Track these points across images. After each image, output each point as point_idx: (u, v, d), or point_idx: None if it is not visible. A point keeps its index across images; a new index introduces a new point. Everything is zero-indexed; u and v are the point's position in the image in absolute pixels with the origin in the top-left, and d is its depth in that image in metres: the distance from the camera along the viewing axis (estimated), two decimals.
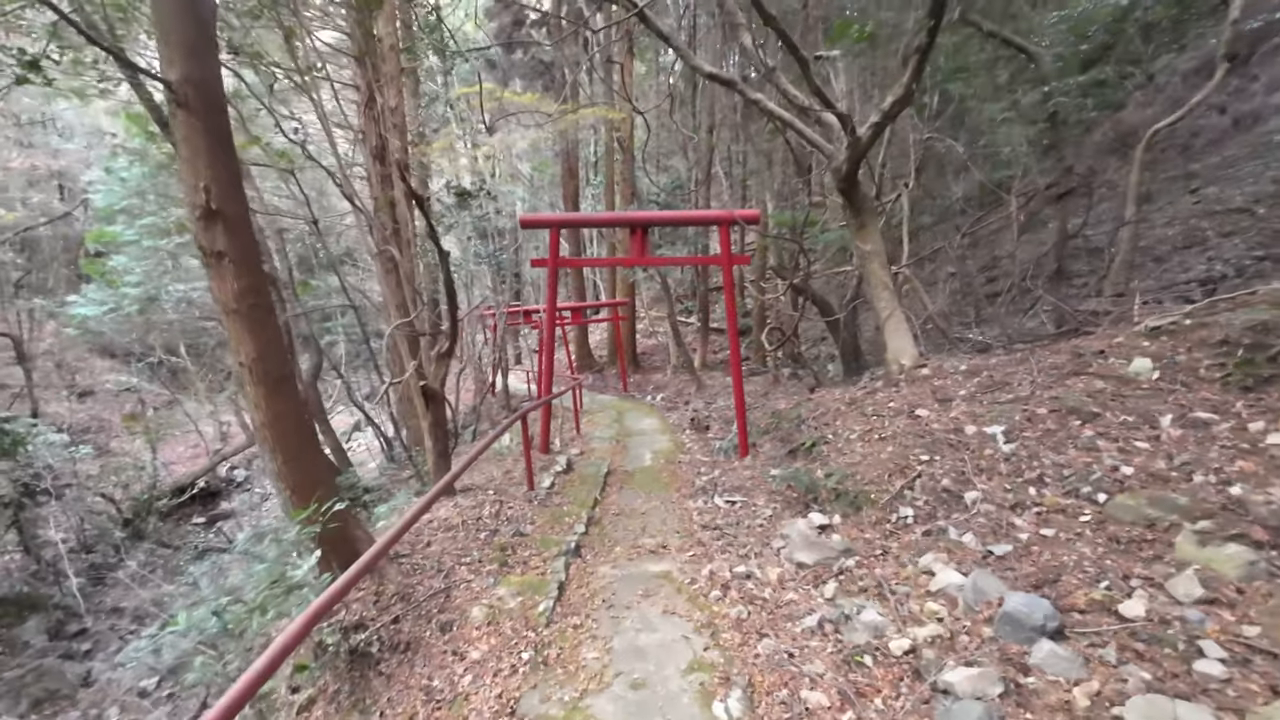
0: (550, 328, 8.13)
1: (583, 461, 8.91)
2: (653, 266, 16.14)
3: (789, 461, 7.63)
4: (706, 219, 7.86)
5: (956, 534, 4.49)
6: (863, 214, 7.68)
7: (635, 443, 10.52)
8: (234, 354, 4.16)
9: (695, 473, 8.23)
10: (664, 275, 15.70)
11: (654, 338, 22.92)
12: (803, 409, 8.99)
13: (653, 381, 17.92)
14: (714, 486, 7.37)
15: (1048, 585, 3.76)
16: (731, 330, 8.02)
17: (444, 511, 6.05)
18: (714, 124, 16.02)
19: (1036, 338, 7.90)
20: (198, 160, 3.80)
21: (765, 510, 6.28)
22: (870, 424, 6.87)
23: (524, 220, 7.71)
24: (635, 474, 8.36)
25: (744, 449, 8.30)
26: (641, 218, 7.78)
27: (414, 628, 4.28)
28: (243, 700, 1.99)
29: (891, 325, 7.74)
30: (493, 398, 19.62)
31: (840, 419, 7.55)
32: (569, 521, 6.07)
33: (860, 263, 7.86)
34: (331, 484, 4.62)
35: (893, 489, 5.35)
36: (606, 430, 11.84)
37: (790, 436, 8.36)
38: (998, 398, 6.04)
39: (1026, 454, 5.03)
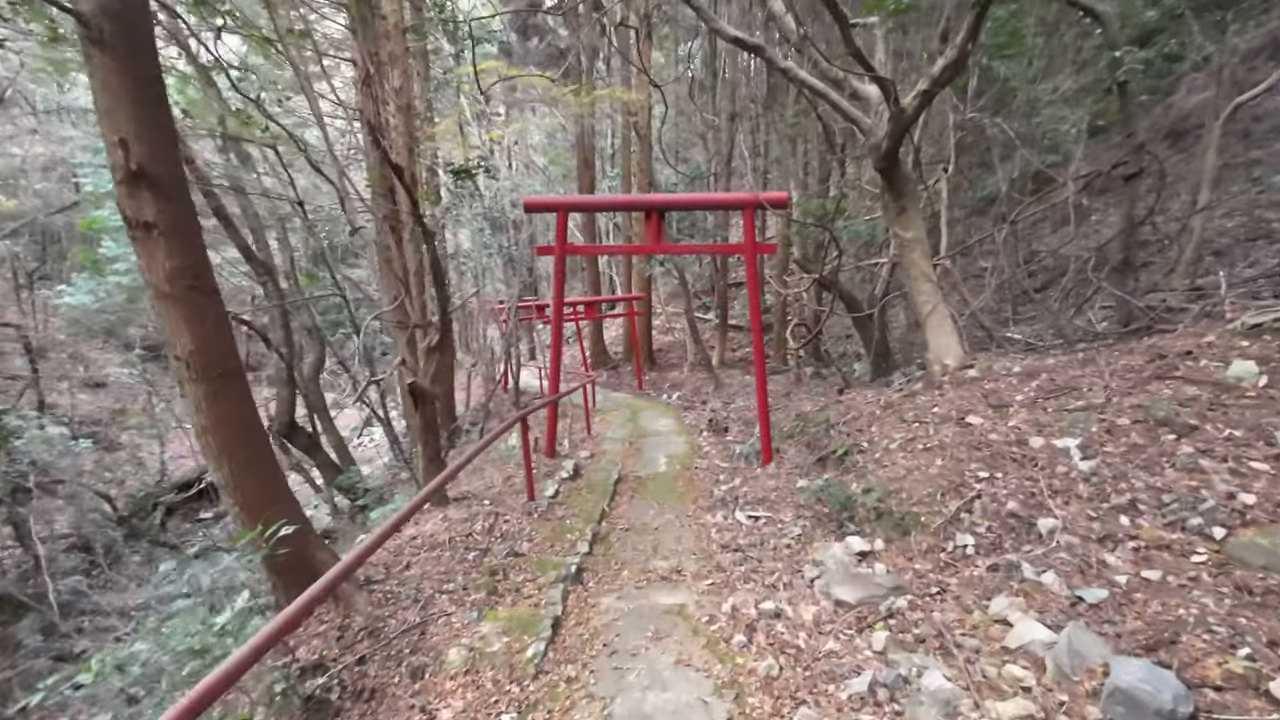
0: (558, 322, 7.41)
1: (592, 466, 8.18)
2: (670, 260, 15.35)
3: (817, 471, 6.82)
4: (728, 202, 7.08)
5: (1033, 572, 3.67)
6: (903, 197, 6.83)
7: (649, 445, 9.77)
8: (169, 345, 3.47)
9: (714, 480, 7.46)
10: (681, 269, 14.90)
11: (671, 334, 22.14)
12: (831, 412, 8.17)
13: (669, 379, 17.14)
14: (734, 498, 6.59)
15: (1164, 648, 2.94)
16: (755, 326, 7.24)
17: (430, 526, 5.36)
18: (735, 112, 15.17)
19: (1098, 336, 7.01)
20: (117, 111, 3.11)
21: (793, 528, 5.49)
22: (912, 432, 6.04)
23: (529, 203, 7.00)
24: (648, 481, 7.61)
25: (767, 455, 7.51)
26: (658, 200, 7.01)
27: (381, 671, 3.58)
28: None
29: (934, 322, 6.89)
30: (505, 394, 19.01)
31: (876, 425, 6.72)
32: (571, 538, 5.34)
33: (899, 252, 7.02)
34: (289, 500, 3.93)
35: (946, 511, 4.53)
36: (619, 431, 11.10)
37: (818, 442, 7.55)
38: (1065, 405, 5.18)
39: (1111, 474, 4.18)
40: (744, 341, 20.06)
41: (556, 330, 7.47)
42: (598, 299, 17.34)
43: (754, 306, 7.22)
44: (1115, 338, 6.58)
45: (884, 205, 7.08)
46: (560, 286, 7.29)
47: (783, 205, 6.84)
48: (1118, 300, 7.01)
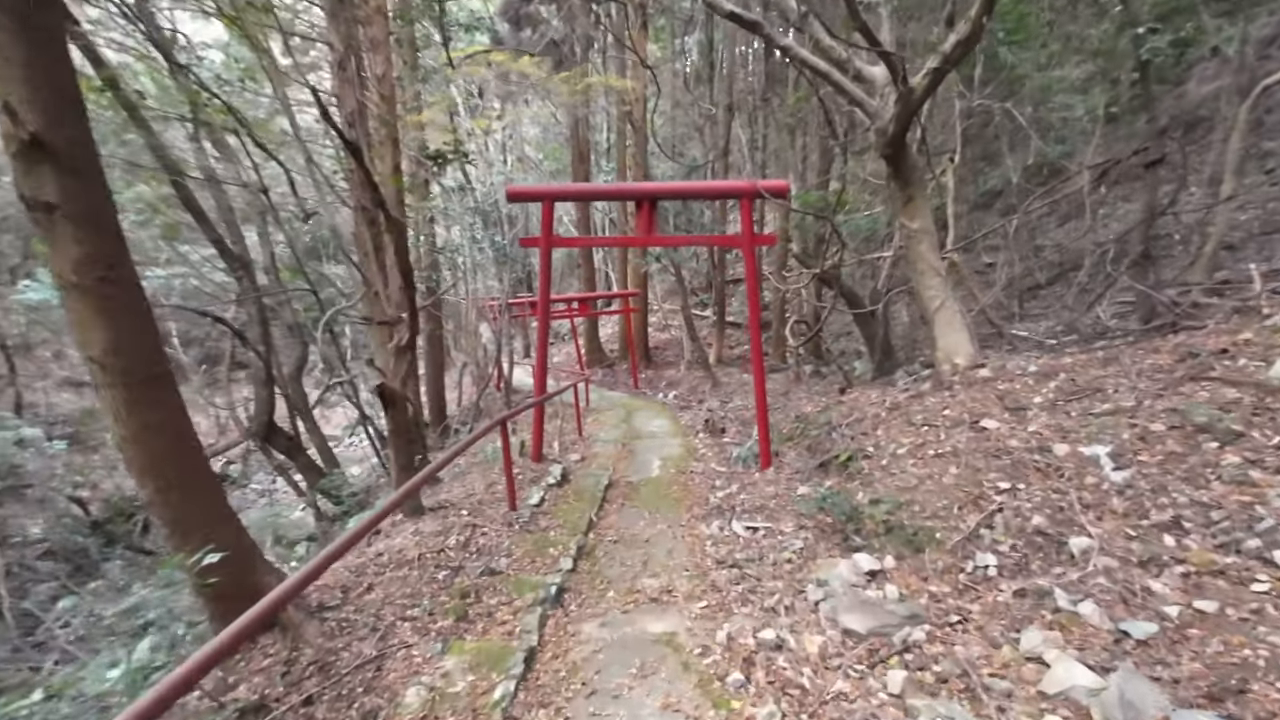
0: (544, 320, 6.95)
1: (581, 470, 7.73)
2: (666, 256, 14.87)
3: (819, 477, 6.38)
4: (725, 191, 6.61)
5: (1068, 600, 3.23)
6: (910, 186, 6.38)
7: (643, 447, 9.32)
8: (79, 345, 3.01)
9: (709, 486, 7.02)
10: (678, 265, 14.45)
11: (667, 331, 21.68)
12: (833, 413, 7.73)
13: (665, 378, 16.69)
14: (731, 507, 6.15)
15: (1232, 698, 2.50)
16: (754, 322, 6.79)
17: (400, 540, 4.90)
18: (732, 103, 14.69)
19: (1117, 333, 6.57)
20: (6, 71, 2.64)
21: (794, 541, 5.04)
22: (921, 436, 5.59)
23: (512, 192, 6.53)
24: (640, 487, 7.17)
25: (766, 460, 7.07)
26: (650, 189, 6.56)
27: (329, 715, 3.13)
28: None
29: (943, 318, 6.44)
30: (498, 392, 18.55)
31: (882, 428, 6.28)
32: (554, 553, 4.89)
33: (905, 244, 6.57)
34: (226, 520, 3.48)
35: (964, 526, 4.09)
36: (613, 432, 10.65)
37: (820, 446, 7.11)
38: (1090, 408, 4.74)
39: (1148, 486, 3.74)
40: (741, 339, 19.61)
41: (543, 328, 7.01)
42: (592, 295, 16.86)
43: (753, 302, 6.77)
44: (1136, 335, 6.14)
45: (889, 194, 6.63)
46: (546, 281, 6.83)
47: (782, 195, 6.39)
48: (1138, 295, 6.57)
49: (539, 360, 7.19)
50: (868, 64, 6.64)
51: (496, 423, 5.43)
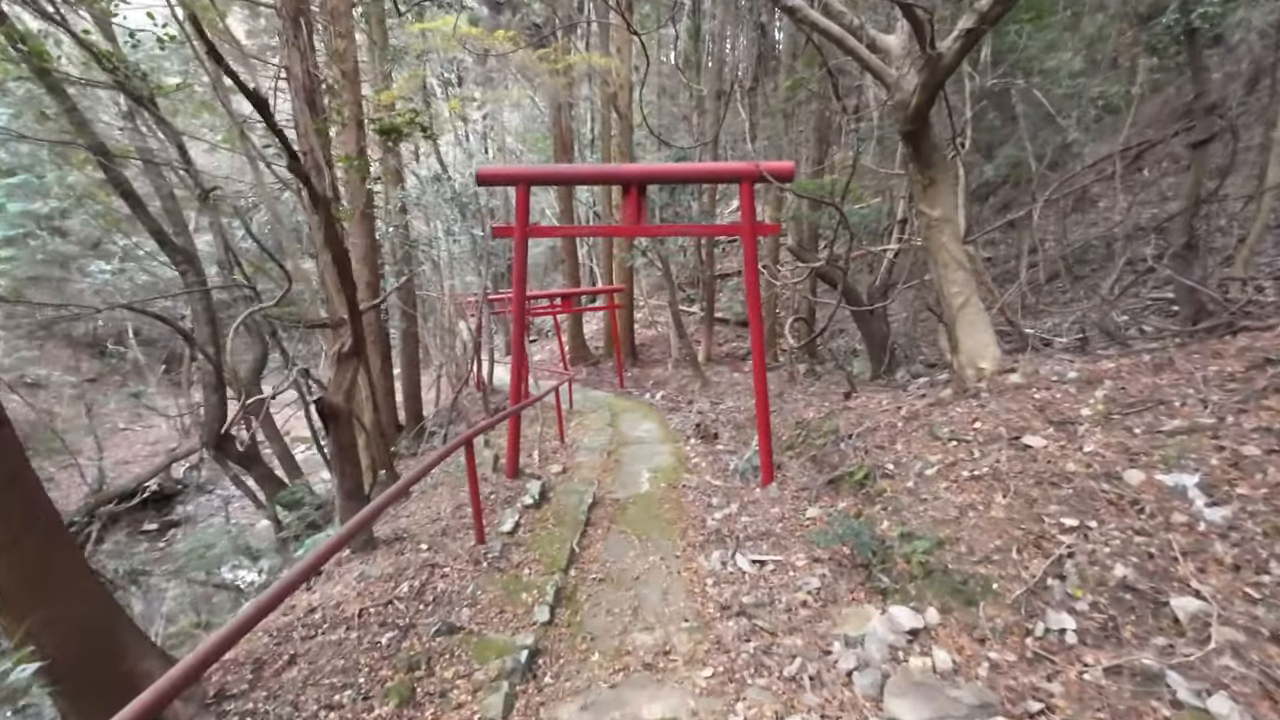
0: (519, 317, 6.08)
1: (563, 486, 6.89)
2: (652, 248, 14.03)
3: (829, 496, 5.61)
4: (722, 174, 5.79)
5: (1188, 688, 2.46)
6: (932, 168, 5.60)
7: (630, 456, 8.50)
8: None
9: (705, 505, 6.22)
10: (665, 259, 13.60)
11: (654, 328, 20.85)
12: (839, 420, 6.97)
13: (652, 376, 15.87)
14: (732, 531, 5.35)
15: None
16: (754, 319, 5.99)
17: (340, 587, 4.02)
18: (722, 89, 13.84)
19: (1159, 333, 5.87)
20: None
21: (809, 579, 4.26)
22: (950, 453, 4.83)
23: (483, 174, 5.66)
24: (628, 506, 6.35)
25: (767, 474, 6.28)
26: (639, 172, 5.71)
27: None
28: None
29: (967, 316, 5.68)
30: (478, 392, 17.62)
31: (901, 441, 5.51)
32: (528, 599, 4.06)
33: (924, 234, 5.80)
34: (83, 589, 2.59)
35: (1026, 574, 3.32)
36: (597, 437, 9.82)
37: (827, 459, 6.34)
38: (1157, 424, 4.00)
39: (1259, 528, 2.99)
40: (730, 336, 18.85)
41: (518, 327, 6.14)
42: (574, 291, 15.98)
43: (753, 297, 5.95)
44: (1184, 335, 5.43)
45: (909, 177, 5.85)
46: (521, 275, 5.96)
47: (787, 177, 5.58)
48: (1178, 291, 5.88)
49: (515, 365, 6.33)
50: (882, 32, 5.85)
51: (460, 442, 4.57)
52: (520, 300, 6.05)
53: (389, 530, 5.25)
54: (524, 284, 6.05)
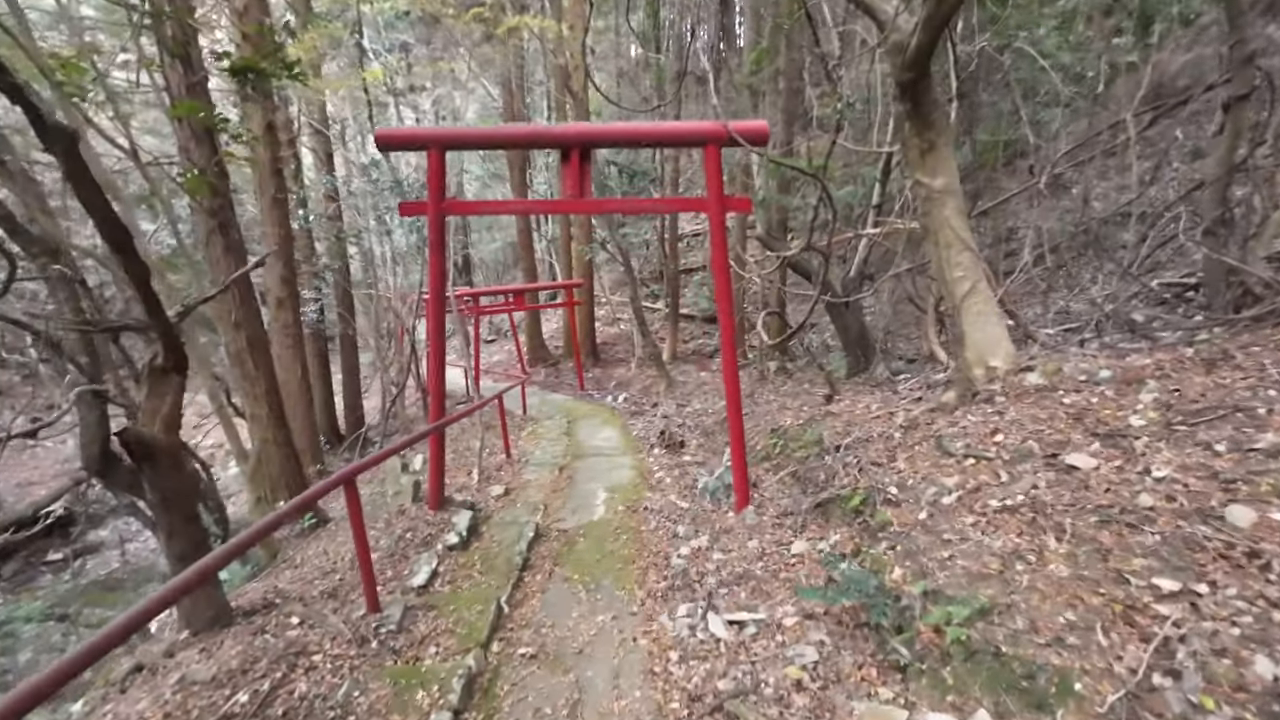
0: (436, 314, 4.85)
1: (500, 516, 5.72)
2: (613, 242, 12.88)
3: (817, 525, 4.58)
4: (684, 135, 4.65)
5: None
6: (932, 128, 4.61)
7: (586, 471, 7.38)
8: None
9: (670, 535, 5.13)
10: (626, 252, 12.48)
11: (616, 326, 19.70)
12: (822, 428, 5.96)
13: (614, 377, 14.75)
14: (702, 576, 4.27)
15: None
16: (724, 313, 4.92)
17: (148, 702, 2.78)
18: (684, 68, 12.76)
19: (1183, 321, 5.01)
20: None
21: (803, 648, 3.22)
22: (968, 473, 3.85)
23: (381, 136, 4.41)
24: (578, 539, 5.22)
25: (742, 497, 5.23)
26: (577, 134, 4.56)
27: None
28: None
29: (974, 305, 4.72)
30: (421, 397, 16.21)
31: (902, 456, 4.51)
32: (424, 702, 2.89)
33: (923, 208, 4.80)
34: None
35: (1120, 665, 2.30)
36: (550, 448, 8.66)
37: (812, 475, 5.32)
38: (1244, 439, 3.06)
39: None
40: (696, 332, 17.85)
41: (435, 326, 4.91)
42: (528, 287, 14.71)
43: (722, 286, 4.87)
44: (1224, 324, 4.56)
45: (903, 142, 4.85)
46: (439, 264, 4.75)
47: (760, 139, 4.52)
48: (1212, 272, 5.03)
49: (433, 372, 5.10)
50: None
51: (335, 481, 3.35)
52: (438, 293, 4.84)
53: (260, 593, 4.00)
54: (443, 274, 4.84)
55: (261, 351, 6.83)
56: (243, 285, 6.57)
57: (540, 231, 21.42)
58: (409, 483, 5.42)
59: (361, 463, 3.77)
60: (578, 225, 15.20)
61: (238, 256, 6.52)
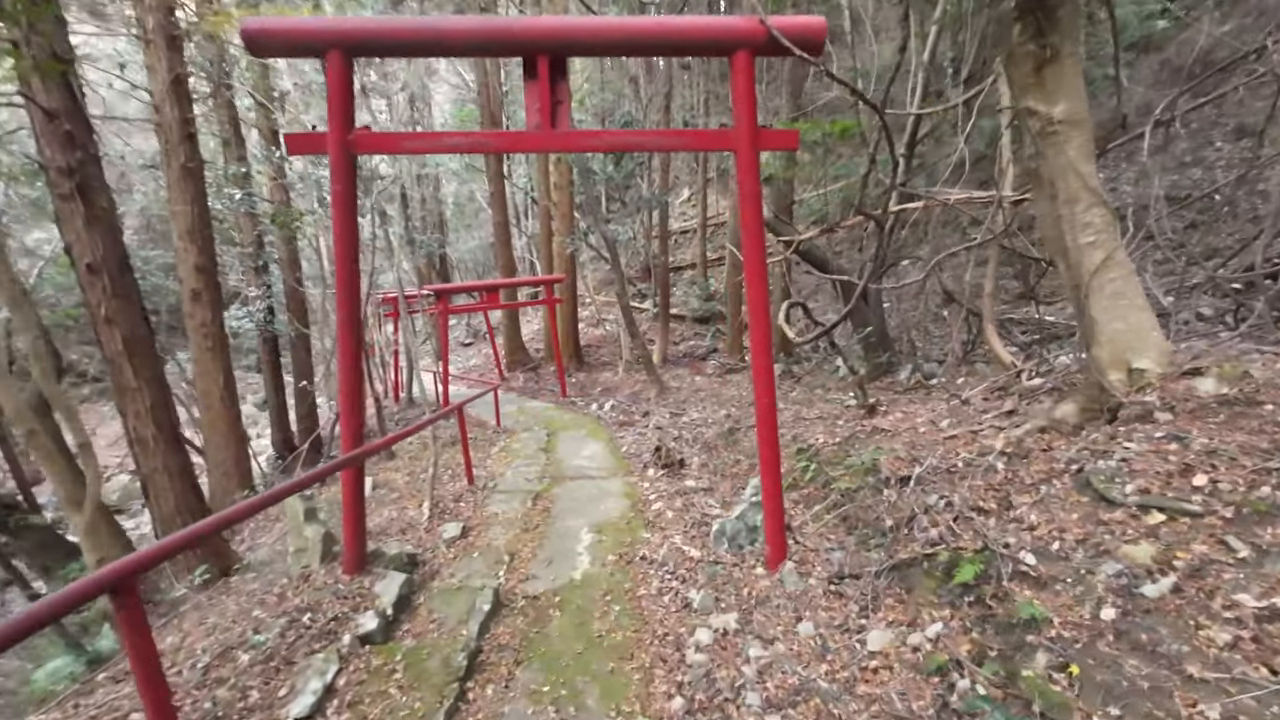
0: (346, 305, 3.26)
1: (447, 575, 4.14)
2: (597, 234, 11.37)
3: (898, 600, 3.10)
4: (704, 35, 3.12)
5: None
6: (1057, 28, 3.17)
7: (567, 501, 5.82)
8: None
9: (679, 606, 3.61)
10: (614, 244, 10.95)
11: (602, 327, 18.14)
12: (874, 451, 4.48)
13: (600, 382, 13.18)
14: (737, 692, 2.75)
15: None
16: (757, 293, 3.40)
17: None
18: None
19: None
20: None
21: None
22: (1167, 541, 2.37)
23: (253, 33, 2.83)
24: (551, 614, 3.66)
25: (777, 550, 3.71)
26: (548, 31, 3.03)
27: None
28: None
29: (1109, 283, 3.28)
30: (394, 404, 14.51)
31: (1023, 500, 3.03)
32: None
33: (1038, 146, 3.35)
34: None
35: None
36: (524, 469, 7.08)
37: (868, 517, 3.84)
38: None
39: None
40: (687, 333, 16.36)
41: (345, 317, 3.33)
42: (501, 282, 13.10)
43: (754, 256, 3.35)
44: None
45: (1009, 53, 3.37)
46: (347, 225, 3.17)
47: (815, 42, 3.04)
48: None
49: (344, 383, 3.51)
50: None
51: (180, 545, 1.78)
52: (347, 273, 3.25)
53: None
54: (353, 242, 3.27)
55: (145, 356, 5.18)
56: (114, 269, 4.92)
57: (520, 227, 19.80)
58: (316, 536, 3.84)
59: (204, 525, 2.18)
60: (559, 218, 13.66)
61: (106, 231, 4.88)
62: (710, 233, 18.61)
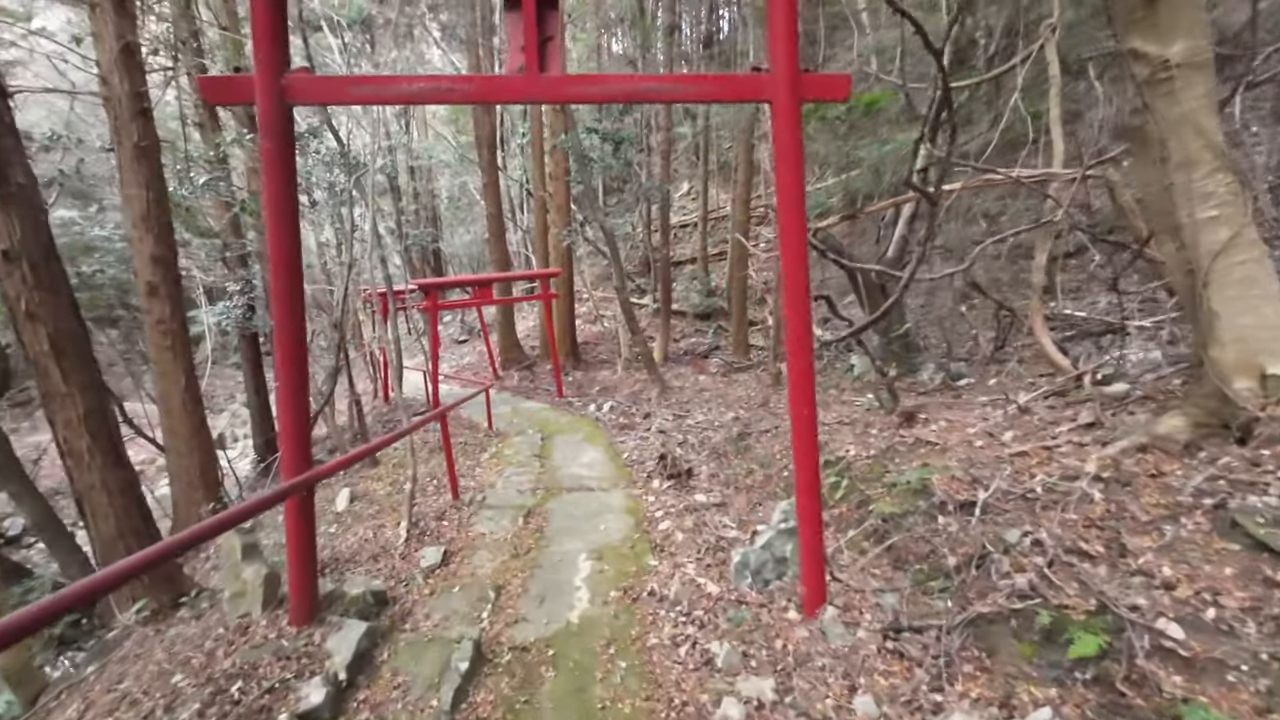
0: (286, 288, 2.56)
1: (419, 619, 3.45)
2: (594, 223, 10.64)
3: (980, 667, 2.41)
4: None
5: None
6: None
7: (561, 518, 5.13)
8: None
9: (699, 664, 2.93)
10: (613, 236, 10.24)
11: (600, 323, 17.42)
12: (919, 469, 3.80)
13: (598, 381, 12.47)
14: None
15: None
16: (794, 279, 2.72)
17: None
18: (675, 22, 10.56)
19: None
20: None
21: None
22: None
23: None
24: (543, 672, 2.98)
25: (816, 591, 3.02)
26: None
27: None
28: None
29: (1235, 268, 2.60)
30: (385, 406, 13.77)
31: (1143, 542, 2.35)
32: None
33: (1149, 95, 2.66)
34: None
35: None
36: (516, 479, 6.39)
37: (923, 549, 3.16)
38: None
39: None
40: (687, 330, 15.66)
41: (282, 314, 2.61)
42: (494, 276, 12.36)
43: (793, 241, 2.67)
44: None
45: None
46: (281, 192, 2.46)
47: None
48: None
49: (284, 391, 2.80)
50: None
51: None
52: (284, 257, 2.54)
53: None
54: (291, 214, 2.55)
55: (77, 357, 4.46)
56: (36, 256, 4.19)
57: (514, 221, 19.01)
58: (256, 577, 3.12)
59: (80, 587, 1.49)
60: (555, 210, 12.93)
61: (26, 213, 4.15)
62: (711, 226, 17.90)
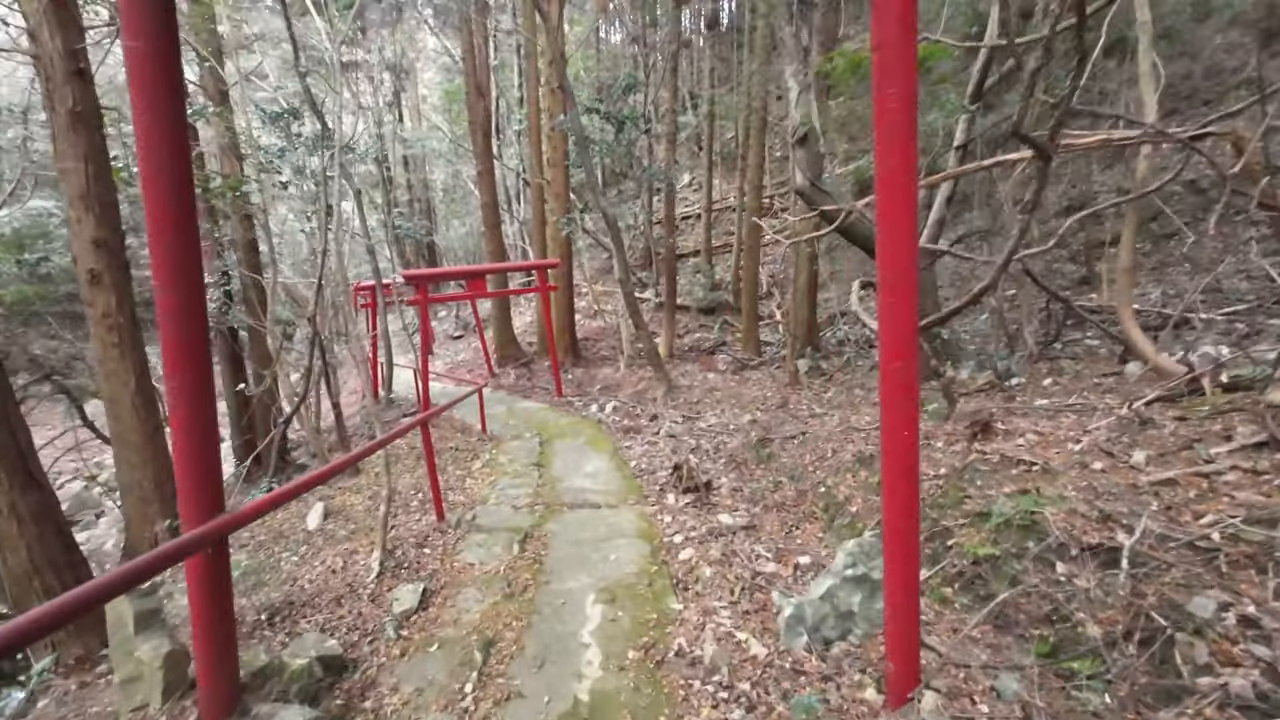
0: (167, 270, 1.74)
1: (385, 692, 2.62)
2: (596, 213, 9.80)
3: None
4: None
5: None
6: None
7: (564, 545, 4.31)
8: None
9: None
10: (614, 220, 9.39)
11: (600, 318, 16.56)
12: (1038, 507, 2.99)
13: (599, 379, 11.64)
14: None
15: None
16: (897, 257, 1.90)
17: None
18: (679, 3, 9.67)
19: None
20: None
21: None
22: None
23: None
24: None
25: (906, 675, 2.19)
26: None
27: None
28: None
29: None
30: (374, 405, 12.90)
31: None
32: None
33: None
34: None
35: None
36: (511, 491, 5.57)
37: (1033, 609, 2.36)
38: None
39: None
40: (691, 325, 14.81)
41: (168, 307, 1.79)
42: (488, 268, 11.45)
43: (899, 200, 1.86)
44: None
45: None
46: (160, 122, 1.67)
47: None
48: None
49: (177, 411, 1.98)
50: None
51: None
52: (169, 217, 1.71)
53: None
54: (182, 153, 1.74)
55: None
56: None
57: (511, 212, 18.09)
58: (155, 657, 2.27)
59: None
60: (553, 198, 12.07)
61: None
62: (714, 218, 17.05)
